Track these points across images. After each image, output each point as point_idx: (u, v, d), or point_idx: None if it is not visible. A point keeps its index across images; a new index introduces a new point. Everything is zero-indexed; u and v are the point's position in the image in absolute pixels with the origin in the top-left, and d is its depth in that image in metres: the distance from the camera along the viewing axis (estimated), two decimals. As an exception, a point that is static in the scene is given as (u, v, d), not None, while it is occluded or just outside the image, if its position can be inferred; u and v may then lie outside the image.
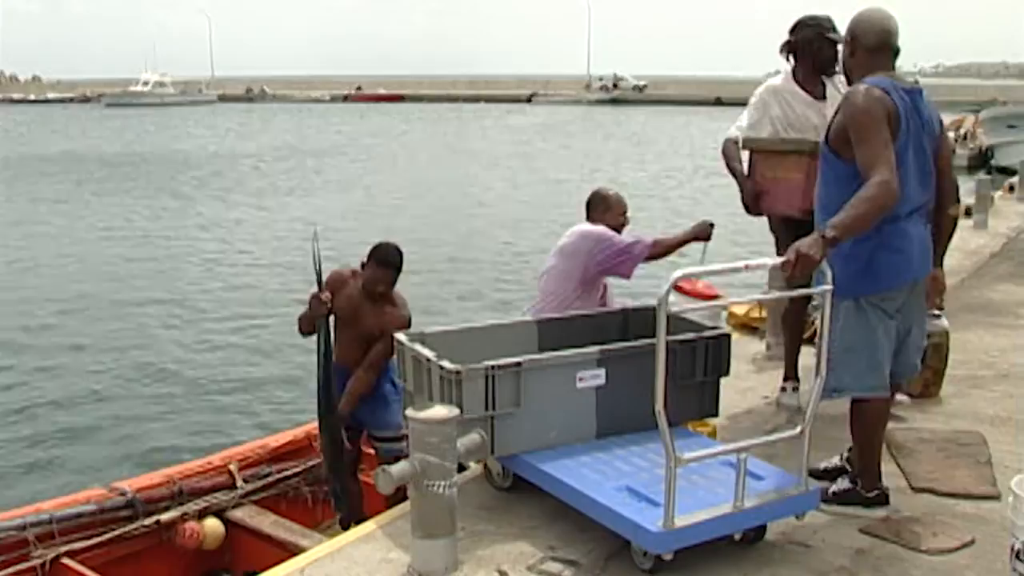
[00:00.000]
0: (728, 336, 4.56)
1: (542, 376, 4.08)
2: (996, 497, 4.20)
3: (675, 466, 3.39)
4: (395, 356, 4.58)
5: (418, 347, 4.26)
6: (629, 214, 5.30)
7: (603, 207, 5.24)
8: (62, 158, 39.61)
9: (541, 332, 4.74)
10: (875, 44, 3.87)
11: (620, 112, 77.17)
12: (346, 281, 5.10)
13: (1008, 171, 22.17)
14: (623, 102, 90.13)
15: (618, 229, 5.18)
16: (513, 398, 4.02)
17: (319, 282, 4.98)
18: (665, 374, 3.33)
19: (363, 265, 5.03)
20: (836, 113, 3.86)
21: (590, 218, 5.23)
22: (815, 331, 6.64)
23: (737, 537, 3.74)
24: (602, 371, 4.20)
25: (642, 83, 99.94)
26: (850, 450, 4.28)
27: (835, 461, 4.42)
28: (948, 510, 4.13)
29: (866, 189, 3.57)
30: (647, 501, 3.61)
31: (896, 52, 3.92)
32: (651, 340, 3.44)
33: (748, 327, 6.92)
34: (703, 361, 4.41)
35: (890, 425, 4.75)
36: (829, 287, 3.63)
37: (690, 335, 4.37)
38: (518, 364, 4.03)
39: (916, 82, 3.91)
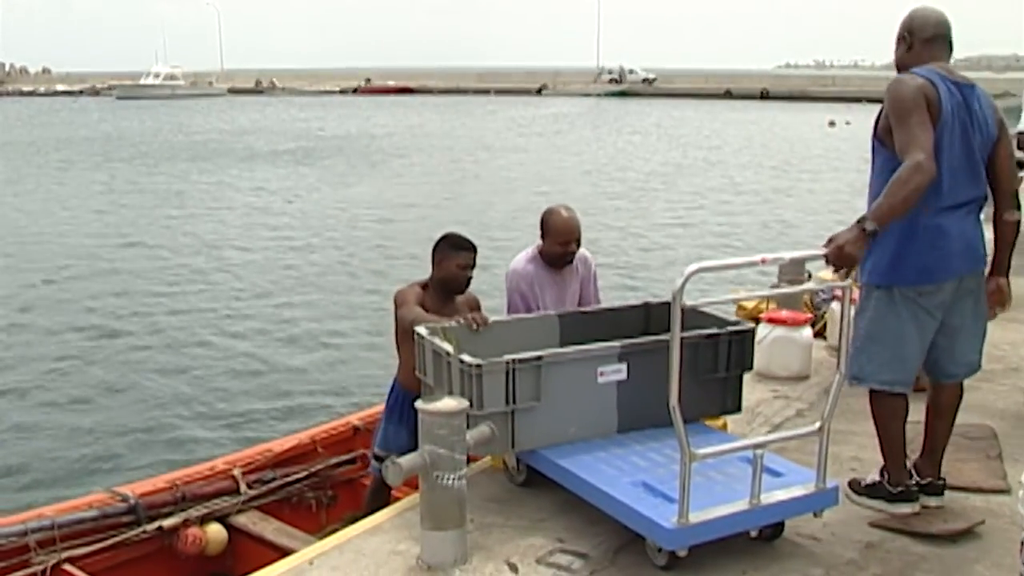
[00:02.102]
0: (752, 331, 4.52)
1: (563, 371, 4.06)
2: (1006, 491, 4.20)
3: (690, 462, 3.37)
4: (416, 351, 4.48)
5: (438, 341, 4.24)
6: (579, 241, 5.00)
7: (544, 232, 5.01)
8: (120, 143, 40.16)
9: (563, 326, 4.70)
10: (932, 35, 3.87)
11: (630, 105, 77.03)
12: (419, 294, 4.72)
13: (1020, 165, 22.06)
14: (632, 95, 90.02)
15: (555, 259, 4.99)
16: (533, 393, 3.99)
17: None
18: (685, 368, 3.31)
19: (435, 263, 4.73)
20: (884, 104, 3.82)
21: (541, 238, 5.05)
22: (824, 325, 6.66)
23: (753, 534, 3.71)
24: (623, 366, 4.17)
25: (651, 76, 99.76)
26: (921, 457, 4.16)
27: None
28: (958, 504, 4.12)
29: (900, 172, 3.56)
30: (663, 497, 3.59)
31: (950, 47, 3.90)
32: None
33: (756, 320, 6.90)
34: (726, 356, 4.37)
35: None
36: (847, 282, 3.62)
37: (713, 330, 4.34)
38: (538, 358, 4.00)
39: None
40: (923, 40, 3.88)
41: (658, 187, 27.13)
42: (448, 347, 4.14)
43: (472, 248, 4.72)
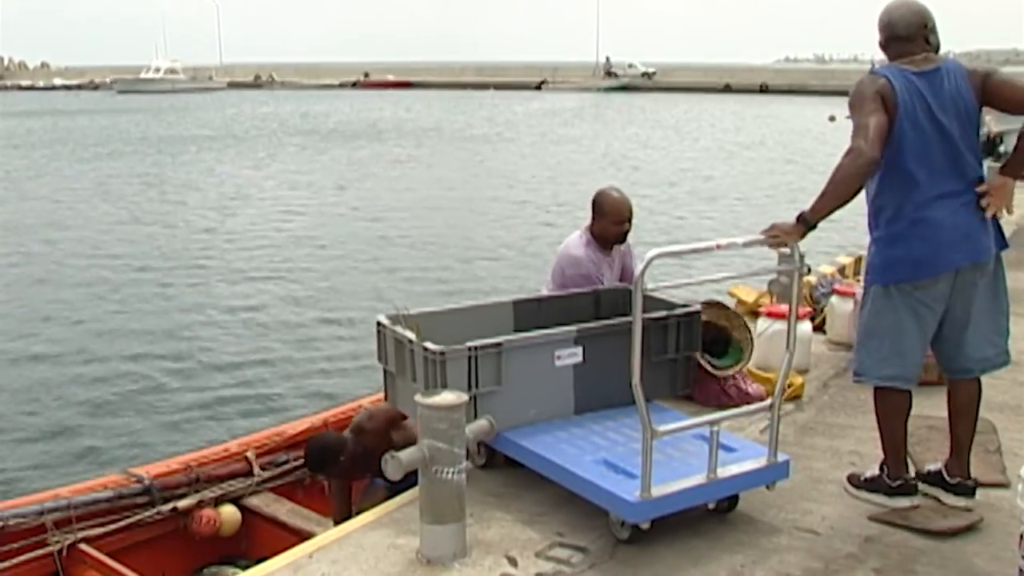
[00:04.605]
0: (699, 313, 4.69)
1: (522, 355, 4.19)
2: (1005, 485, 4.19)
3: (651, 438, 3.49)
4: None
5: (399, 329, 4.34)
6: (633, 221, 5.25)
7: (598, 213, 5.25)
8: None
9: (517, 313, 4.85)
10: (902, 35, 3.82)
11: (630, 99, 76.92)
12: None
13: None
14: (632, 89, 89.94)
15: (612, 239, 5.23)
16: (495, 377, 4.12)
17: None
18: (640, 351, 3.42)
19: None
20: None
21: (592, 220, 5.28)
22: (824, 319, 6.65)
23: (711, 507, 3.85)
24: (579, 349, 4.31)
25: (651, 70, 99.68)
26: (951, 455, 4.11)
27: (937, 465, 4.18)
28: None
29: (839, 161, 3.62)
30: (624, 473, 3.72)
31: (927, 39, 3.82)
32: (627, 318, 3.51)
33: (756, 313, 6.90)
34: (675, 338, 4.55)
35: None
36: (796, 266, 3.72)
37: (662, 313, 4.51)
38: (499, 344, 4.13)
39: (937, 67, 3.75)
40: (890, 39, 3.86)
41: (669, 179, 27.01)
42: (410, 335, 4.22)
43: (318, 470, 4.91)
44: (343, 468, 4.76)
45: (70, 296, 13.63)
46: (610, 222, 5.20)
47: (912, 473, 4.09)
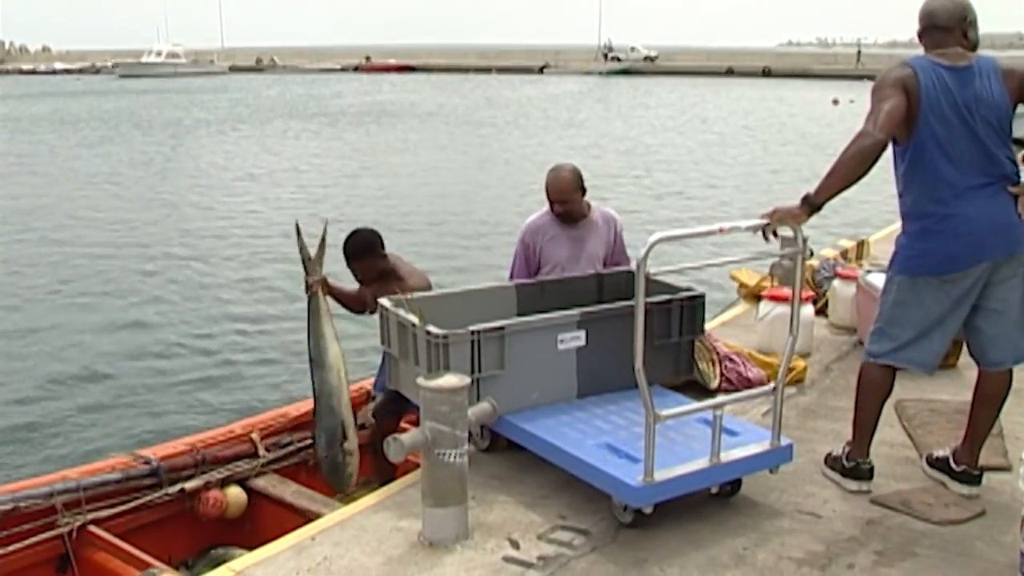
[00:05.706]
0: (702, 297, 4.69)
1: (525, 339, 4.20)
2: (1007, 469, 4.20)
3: (654, 422, 3.49)
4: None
5: (403, 312, 4.34)
6: (566, 201, 5.16)
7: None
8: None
9: (520, 296, 4.86)
10: (926, 27, 3.81)
11: (633, 82, 76.64)
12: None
13: (1021, 142, 21.89)
14: (635, 73, 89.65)
15: (556, 215, 5.20)
16: (497, 361, 4.13)
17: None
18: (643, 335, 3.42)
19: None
20: None
21: None
22: (826, 303, 6.64)
23: (714, 491, 3.87)
24: (582, 333, 4.32)
25: (653, 53, 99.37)
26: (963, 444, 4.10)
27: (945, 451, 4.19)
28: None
29: (848, 142, 3.62)
30: (627, 457, 3.73)
31: (965, 33, 3.77)
32: (629, 302, 3.51)
33: (758, 297, 6.89)
34: (678, 322, 4.57)
35: (902, 395, 4.75)
36: (799, 249, 3.72)
37: (665, 297, 4.51)
38: (502, 328, 4.14)
39: (969, 63, 3.70)
40: (928, 28, 3.81)
41: (675, 163, 26.88)
42: (414, 318, 4.23)
43: (351, 258, 4.97)
44: (365, 268, 4.93)
45: (76, 278, 13.61)
46: (550, 200, 5.21)
47: (868, 459, 4.06)
